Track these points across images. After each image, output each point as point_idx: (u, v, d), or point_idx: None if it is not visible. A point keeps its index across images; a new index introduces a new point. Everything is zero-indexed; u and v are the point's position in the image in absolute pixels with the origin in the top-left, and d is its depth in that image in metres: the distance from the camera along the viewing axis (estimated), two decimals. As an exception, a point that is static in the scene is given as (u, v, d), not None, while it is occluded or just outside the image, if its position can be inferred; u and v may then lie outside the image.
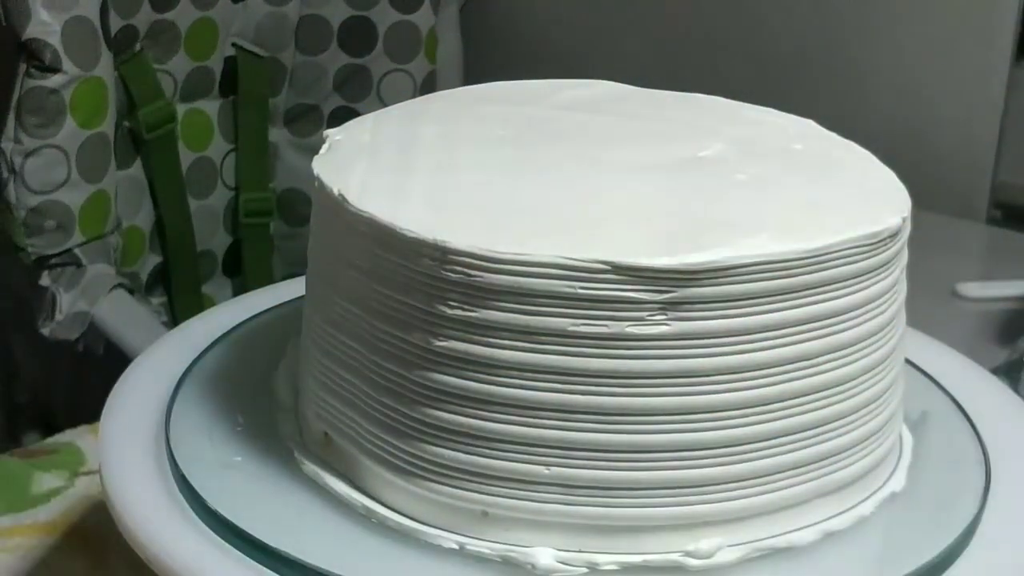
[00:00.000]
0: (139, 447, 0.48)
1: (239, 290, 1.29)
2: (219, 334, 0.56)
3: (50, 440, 0.72)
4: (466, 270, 0.41)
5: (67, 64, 1.04)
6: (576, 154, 0.49)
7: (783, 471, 0.43)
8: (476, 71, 1.49)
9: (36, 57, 1.03)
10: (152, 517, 0.45)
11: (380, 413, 0.44)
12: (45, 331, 1.09)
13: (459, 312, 0.41)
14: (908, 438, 0.51)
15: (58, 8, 1.03)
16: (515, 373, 0.41)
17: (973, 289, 0.98)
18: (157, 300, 1.24)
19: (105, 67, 1.08)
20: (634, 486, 0.42)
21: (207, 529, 0.44)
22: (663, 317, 0.40)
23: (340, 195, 0.44)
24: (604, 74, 0.60)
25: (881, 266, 0.44)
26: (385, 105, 0.57)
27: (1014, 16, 1.16)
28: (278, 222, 1.34)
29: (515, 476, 0.42)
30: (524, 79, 0.58)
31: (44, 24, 1.03)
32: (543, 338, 0.41)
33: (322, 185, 0.46)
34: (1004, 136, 1.20)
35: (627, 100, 0.57)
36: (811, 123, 0.54)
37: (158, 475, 0.47)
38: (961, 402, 0.53)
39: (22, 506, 0.65)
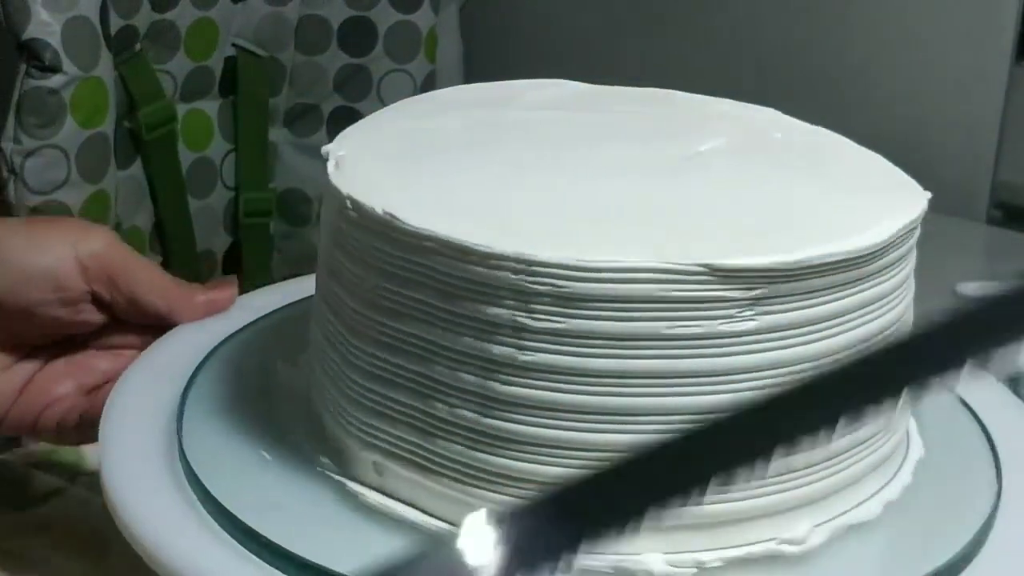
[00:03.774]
0: (140, 447, 0.48)
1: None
2: (219, 334, 0.56)
3: (50, 440, 0.72)
4: (554, 281, 0.40)
5: (67, 64, 1.04)
6: (584, 155, 0.49)
7: (850, 449, 0.45)
8: (476, 71, 1.49)
9: (36, 57, 1.03)
10: (154, 517, 0.45)
11: (458, 431, 0.43)
12: (45, 331, 1.08)
13: (547, 323, 0.40)
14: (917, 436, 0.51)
15: (58, 8, 1.03)
16: (608, 381, 0.41)
17: (973, 289, 0.98)
18: (157, 300, 1.24)
19: (105, 67, 1.08)
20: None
21: (210, 528, 0.44)
22: (751, 313, 0.41)
23: (388, 215, 0.42)
24: (604, 74, 0.60)
25: (909, 252, 0.46)
26: (385, 105, 0.57)
27: (1014, 16, 1.16)
28: (278, 222, 1.34)
29: None
30: (525, 79, 0.58)
31: (44, 24, 1.03)
32: (638, 343, 0.40)
33: (358, 206, 0.43)
34: (1004, 136, 1.20)
35: (596, 97, 0.57)
36: (773, 111, 0.56)
37: (160, 475, 0.47)
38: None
39: (22, 506, 0.65)
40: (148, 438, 0.49)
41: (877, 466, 0.46)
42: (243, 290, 0.60)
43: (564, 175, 0.47)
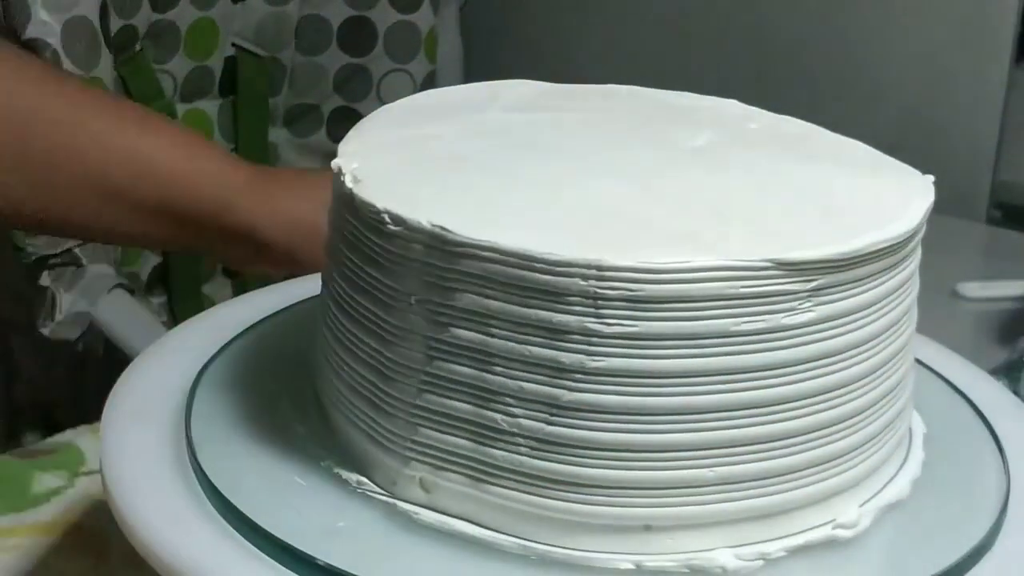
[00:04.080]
0: (141, 447, 0.48)
1: (239, 290, 1.29)
2: (220, 333, 0.56)
3: (50, 440, 0.72)
4: (627, 284, 0.40)
5: (67, 64, 1.04)
6: (596, 157, 0.49)
7: (887, 427, 0.46)
8: (476, 71, 1.49)
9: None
10: (156, 516, 0.45)
11: (520, 439, 0.42)
12: (45, 331, 1.09)
13: (618, 327, 0.40)
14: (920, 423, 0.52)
15: (58, 8, 1.03)
16: (676, 381, 0.41)
17: (973, 289, 0.98)
18: (157, 300, 1.24)
19: (105, 67, 1.08)
20: (789, 470, 0.43)
21: (220, 528, 0.44)
22: (810, 304, 0.42)
23: (440, 228, 0.42)
24: (604, 73, 0.60)
25: (921, 236, 0.47)
26: (384, 104, 0.56)
27: (1014, 16, 1.16)
28: (278, 222, 1.34)
29: (679, 484, 0.42)
30: (525, 79, 0.58)
31: (44, 24, 1.02)
32: (706, 341, 0.41)
33: (401, 220, 0.43)
34: (1004, 136, 1.20)
35: (569, 97, 0.57)
36: (733, 101, 0.56)
37: (161, 475, 0.47)
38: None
39: (22, 506, 0.65)
40: (150, 438, 0.49)
41: (898, 444, 0.48)
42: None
43: (591, 179, 0.47)
